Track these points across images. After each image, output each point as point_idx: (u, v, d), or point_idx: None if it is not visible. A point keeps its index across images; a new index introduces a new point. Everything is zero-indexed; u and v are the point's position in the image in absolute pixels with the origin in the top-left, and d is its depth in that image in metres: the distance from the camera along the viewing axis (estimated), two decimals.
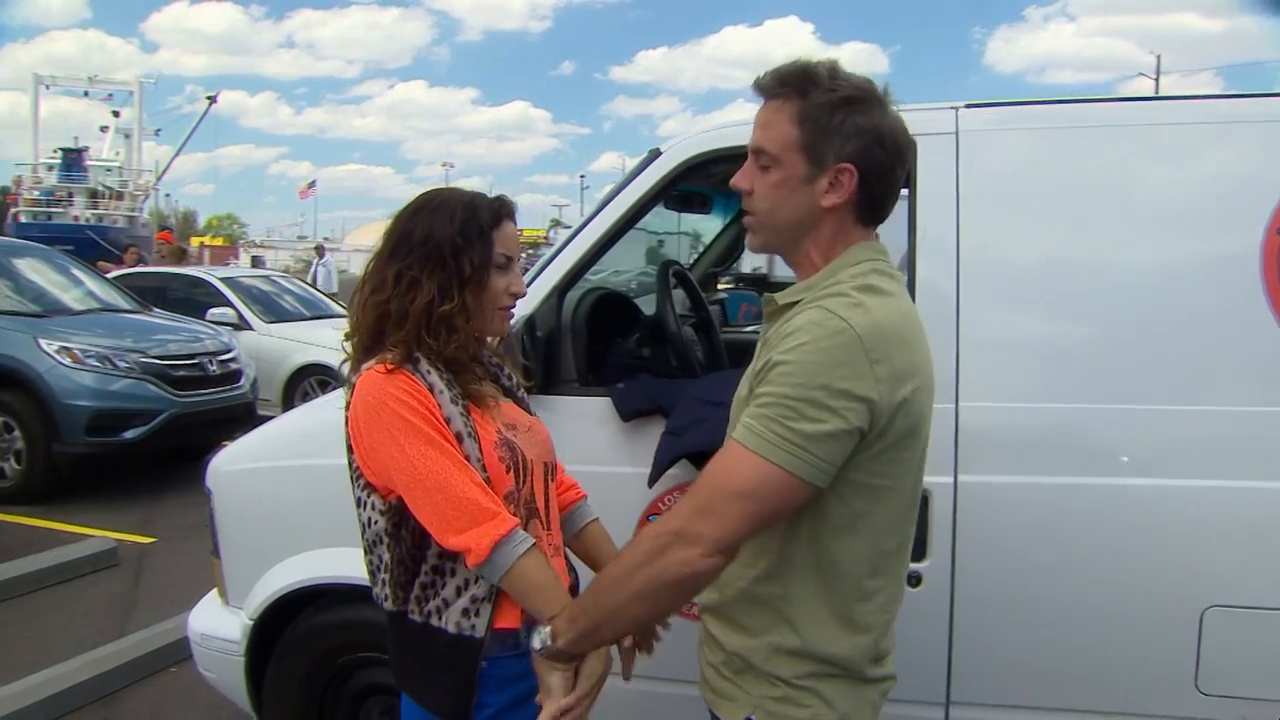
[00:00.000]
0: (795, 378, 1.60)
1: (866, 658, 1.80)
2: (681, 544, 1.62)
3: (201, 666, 3.57)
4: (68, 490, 7.90)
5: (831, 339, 1.60)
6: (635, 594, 1.69)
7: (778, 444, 1.59)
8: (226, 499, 3.40)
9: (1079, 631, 2.61)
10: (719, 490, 1.64)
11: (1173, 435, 2.55)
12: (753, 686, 1.80)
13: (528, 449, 2.05)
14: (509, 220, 2.04)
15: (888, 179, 1.76)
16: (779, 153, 1.75)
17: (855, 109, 1.70)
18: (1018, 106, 2.78)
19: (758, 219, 1.82)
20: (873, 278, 1.72)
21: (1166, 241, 2.63)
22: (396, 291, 1.95)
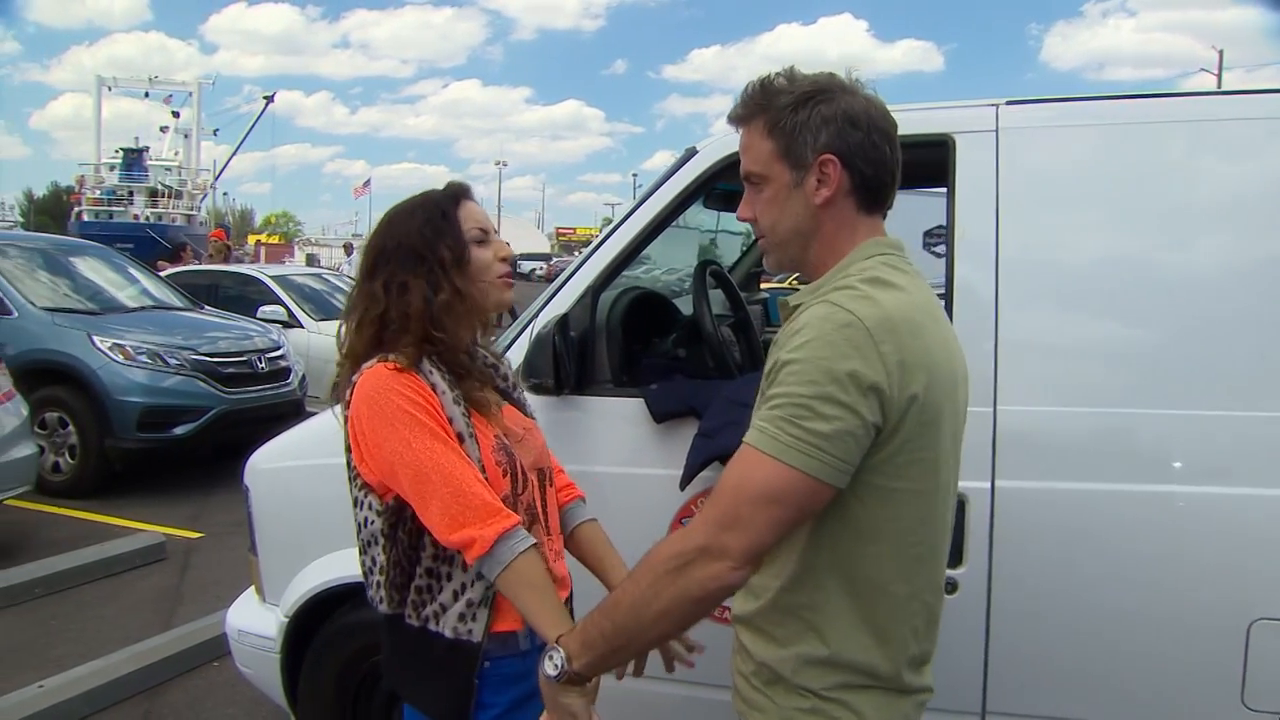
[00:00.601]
0: (805, 375, 1.56)
1: (900, 666, 1.75)
2: (709, 559, 1.58)
3: (239, 663, 3.60)
4: (119, 485, 8.02)
5: (838, 331, 1.56)
6: (661, 613, 1.64)
7: (793, 445, 1.55)
8: (264, 496, 3.42)
9: (1120, 642, 2.54)
10: (740, 498, 1.59)
11: (1222, 442, 2.47)
12: (782, 698, 1.75)
13: (523, 456, 2.05)
14: (467, 200, 2.06)
15: (873, 156, 1.72)
16: (763, 169, 1.74)
17: (818, 100, 1.70)
18: (1060, 103, 2.71)
19: (767, 239, 1.81)
20: (881, 270, 1.69)
21: (1216, 241, 2.55)
22: (390, 300, 1.96)
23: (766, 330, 4.86)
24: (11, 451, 6.17)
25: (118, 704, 4.34)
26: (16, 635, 5.09)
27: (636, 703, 2.74)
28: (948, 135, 2.68)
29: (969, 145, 2.65)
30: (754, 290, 5.38)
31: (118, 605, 5.58)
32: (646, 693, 2.75)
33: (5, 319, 7.90)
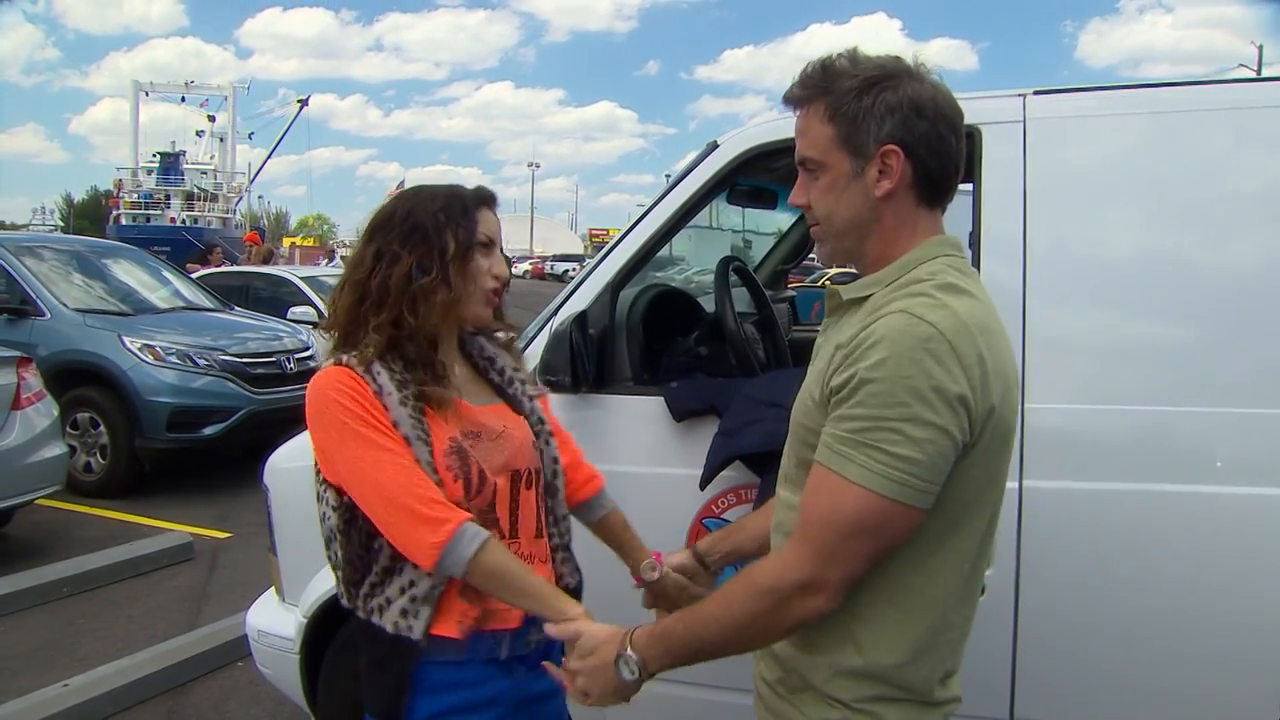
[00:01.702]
0: (890, 395, 1.49)
1: (934, 679, 1.69)
2: (807, 595, 1.55)
3: (259, 663, 3.58)
4: (149, 485, 8.08)
5: (921, 346, 1.49)
6: (748, 643, 1.67)
7: (885, 474, 1.49)
8: (283, 496, 3.40)
9: (1153, 645, 2.46)
10: (832, 531, 1.54)
11: (1258, 440, 2.39)
12: (809, 707, 1.69)
13: (488, 458, 1.97)
14: (488, 208, 2.01)
15: (938, 148, 1.64)
16: (821, 156, 1.66)
17: (883, 87, 1.61)
18: (1089, 92, 2.65)
19: (821, 228, 1.73)
20: (952, 275, 1.61)
21: (1253, 234, 2.46)
22: (377, 268, 1.92)
23: (794, 330, 4.81)
24: (42, 451, 6.22)
25: (142, 703, 4.35)
26: (45, 634, 5.12)
27: (654, 705, 2.70)
28: (974, 127, 2.60)
29: (996, 137, 2.58)
30: (780, 288, 5.31)
31: (145, 605, 5.61)
32: (665, 696, 2.72)
33: (38, 320, 7.98)
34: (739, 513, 2.71)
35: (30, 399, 6.22)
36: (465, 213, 1.94)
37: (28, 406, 6.19)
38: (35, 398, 6.29)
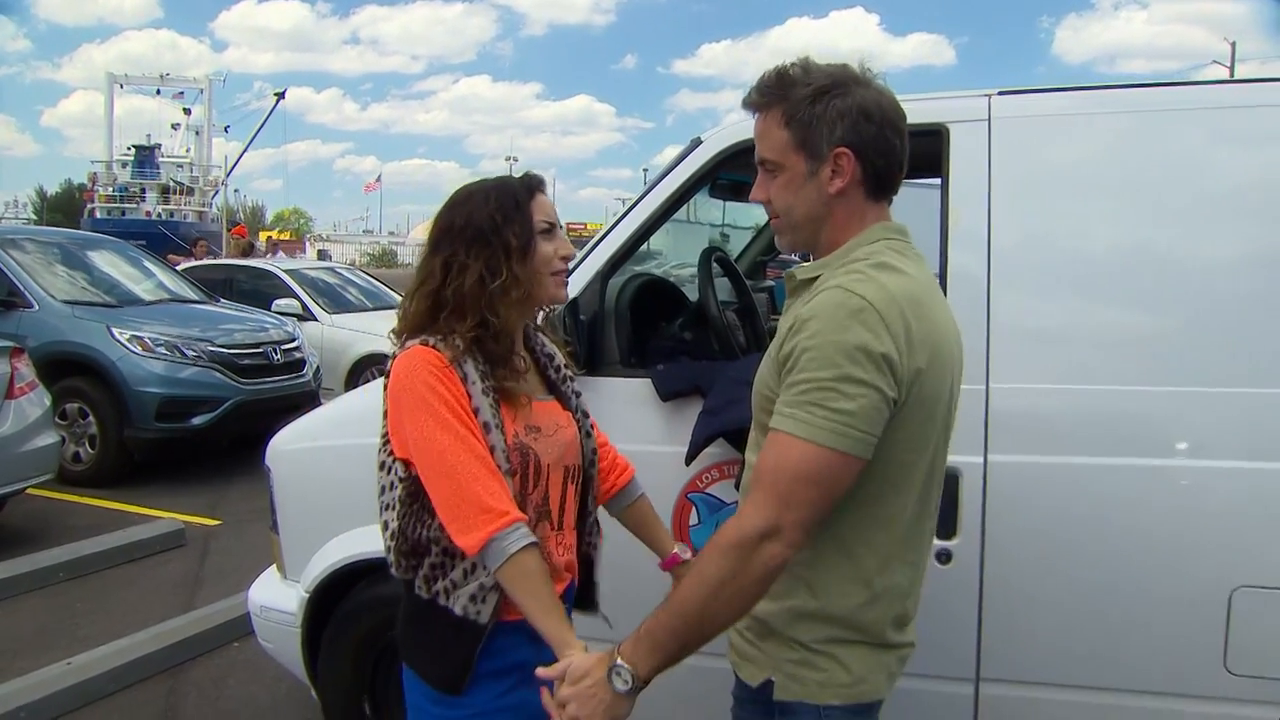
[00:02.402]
0: (824, 359, 1.66)
1: (886, 623, 1.86)
2: (770, 540, 1.67)
3: (261, 637, 3.72)
4: (139, 474, 8.16)
5: (850, 314, 1.67)
6: (729, 600, 1.71)
7: (825, 427, 1.65)
8: (285, 477, 3.54)
9: (1109, 610, 2.65)
10: (785, 481, 1.69)
11: (1204, 417, 2.58)
12: (774, 650, 1.87)
13: (546, 453, 2.09)
14: (541, 192, 2.10)
15: (885, 149, 1.82)
16: (779, 157, 1.84)
17: (834, 94, 1.79)
18: (1051, 93, 2.82)
19: (780, 221, 1.92)
20: (887, 255, 1.80)
21: (1201, 227, 2.65)
22: (447, 279, 2.02)
23: (772, 318, 4.97)
24: (35, 440, 6.32)
25: (142, 681, 4.47)
26: (44, 617, 5.24)
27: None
28: (942, 125, 2.78)
29: (962, 134, 2.75)
30: (760, 278, 5.48)
31: (140, 589, 5.72)
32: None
33: (26, 312, 8.05)
34: (722, 487, 2.87)
35: (23, 389, 6.32)
36: (518, 207, 2.04)
37: (21, 396, 6.28)
38: (28, 387, 6.38)
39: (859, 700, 1.85)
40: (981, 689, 2.77)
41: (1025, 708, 2.76)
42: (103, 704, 4.26)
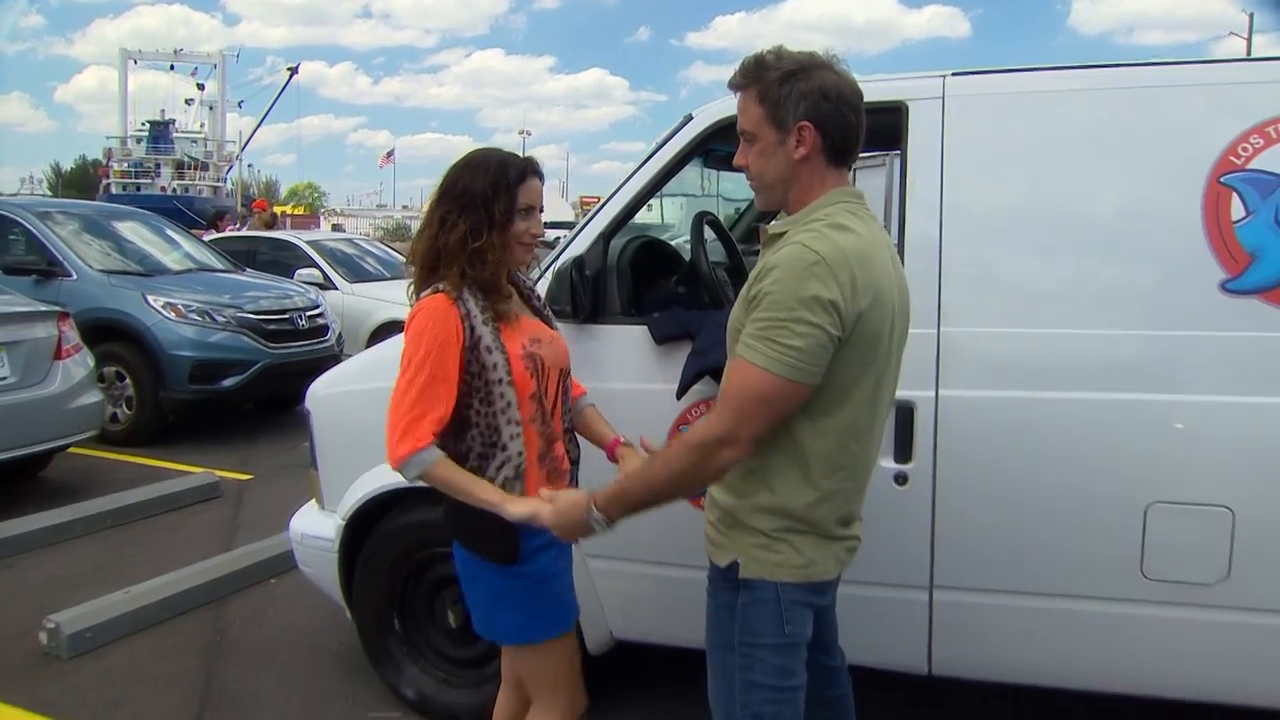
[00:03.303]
0: (781, 302, 2.07)
1: (831, 519, 2.28)
2: (725, 446, 2.11)
3: (301, 563, 4.15)
4: (172, 433, 8.61)
5: (806, 267, 2.07)
6: (682, 488, 2.26)
7: (777, 358, 2.06)
8: (323, 418, 3.95)
9: (1043, 525, 3.04)
10: (744, 400, 2.10)
11: (1126, 355, 2.97)
12: (739, 538, 2.30)
13: (549, 357, 2.58)
14: (533, 176, 2.53)
15: (841, 124, 2.20)
16: (754, 129, 2.25)
17: (799, 78, 2.18)
18: (997, 74, 3.19)
19: (756, 183, 2.33)
20: (842, 216, 2.19)
21: (1122, 190, 3.03)
22: (441, 230, 2.49)
23: None
24: (81, 399, 6.77)
25: (190, 611, 4.92)
26: (96, 558, 5.70)
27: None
28: (902, 102, 3.16)
29: (920, 111, 3.13)
30: (754, 242, 5.87)
31: (181, 534, 6.18)
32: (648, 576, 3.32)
33: (65, 281, 8.46)
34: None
35: (69, 351, 6.75)
36: (508, 187, 2.48)
37: (67, 358, 6.72)
38: (74, 349, 6.81)
39: (809, 579, 2.28)
40: (935, 595, 3.17)
41: (973, 611, 3.15)
42: (157, 629, 4.71)
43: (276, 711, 3.97)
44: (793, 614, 2.27)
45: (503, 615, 2.59)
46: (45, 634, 4.40)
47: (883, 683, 3.39)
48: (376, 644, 3.92)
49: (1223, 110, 2.91)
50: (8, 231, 9.04)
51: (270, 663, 4.42)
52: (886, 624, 3.23)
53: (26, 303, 6.91)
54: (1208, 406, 2.89)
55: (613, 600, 3.52)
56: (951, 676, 3.29)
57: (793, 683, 2.31)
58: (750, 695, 2.29)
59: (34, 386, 6.46)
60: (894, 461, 3.06)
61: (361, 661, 4.12)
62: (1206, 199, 2.88)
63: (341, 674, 4.27)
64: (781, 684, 2.29)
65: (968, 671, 3.29)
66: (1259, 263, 2.84)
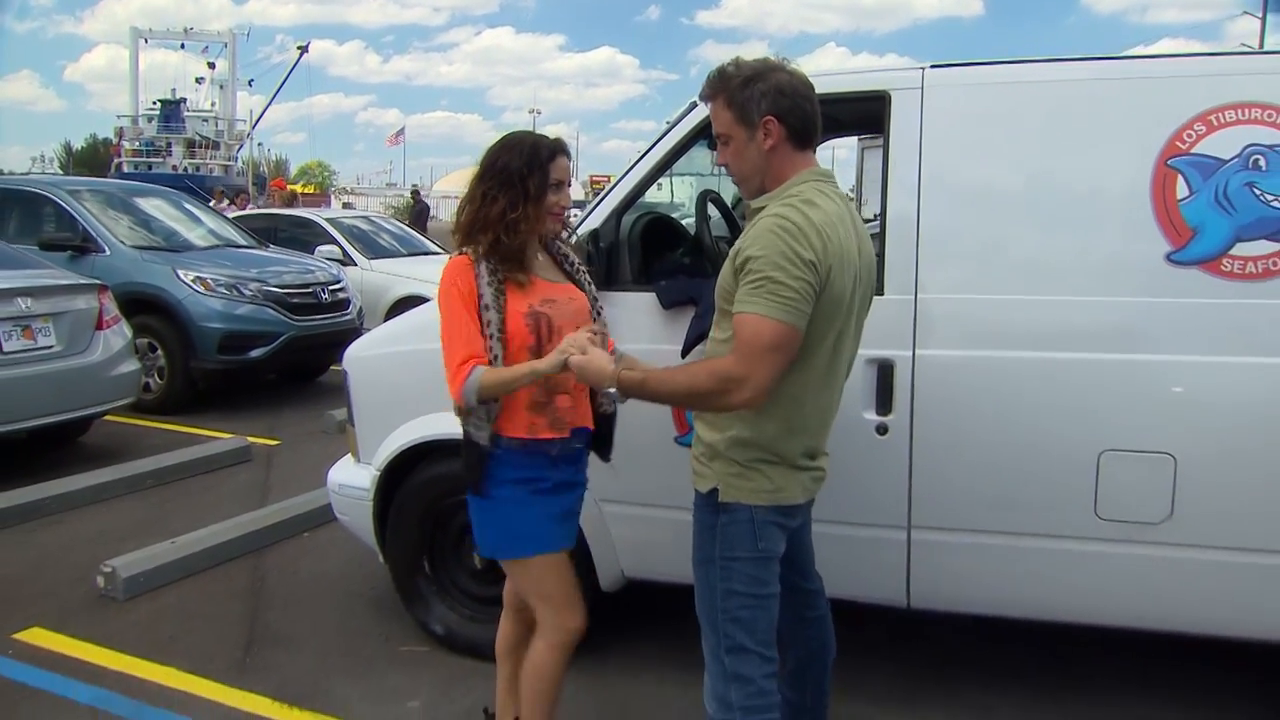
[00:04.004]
0: (770, 261, 2.40)
1: (797, 453, 2.64)
2: (742, 388, 2.40)
3: (337, 511, 4.53)
4: (202, 402, 8.98)
5: (785, 232, 2.42)
6: (690, 402, 2.71)
7: (780, 305, 2.37)
8: (359, 378, 4.33)
9: (1009, 471, 3.40)
10: (758, 347, 2.39)
11: (1081, 319, 3.32)
12: (718, 467, 2.65)
13: (559, 315, 2.88)
14: (562, 155, 2.90)
15: (799, 113, 2.56)
16: (727, 131, 2.62)
17: (757, 81, 2.55)
18: (971, 67, 3.53)
19: (736, 177, 2.70)
20: (811, 194, 2.54)
21: (1079, 171, 3.37)
22: (484, 204, 2.86)
23: None
24: (120, 367, 7.16)
25: (231, 560, 5.31)
26: (140, 514, 6.10)
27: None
28: (885, 91, 3.51)
29: (901, 100, 3.47)
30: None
31: (217, 493, 6.57)
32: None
33: (99, 256, 8.82)
34: None
35: (109, 321, 7.13)
36: (542, 164, 2.84)
37: (107, 328, 7.10)
38: (113, 320, 7.19)
39: (778, 503, 2.64)
40: (913, 535, 3.53)
41: (946, 549, 3.52)
42: (202, 576, 5.10)
43: (316, 647, 4.34)
44: (764, 532, 2.63)
45: (483, 533, 2.99)
46: (102, 578, 4.79)
47: (868, 618, 3.79)
48: (407, 585, 4.29)
49: (1170, 100, 3.25)
50: (42, 209, 9.43)
51: (307, 606, 4.80)
52: (870, 561, 3.60)
53: (69, 276, 7.29)
54: (1154, 365, 3.25)
55: (624, 541, 3.89)
56: (928, 609, 3.66)
57: (766, 591, 2.68)
58: (729, 602, 2.66)
59: (77, 355, 6.84)
60: (875, 414, 3.42)
61: (391, 603, 4.52)
62: (1155, 180, 3.22)
63: (373, 615, 4.65)
64: (757, 592, 2.66)
65: (943, 604, 3.66)
66: (1200, 237, 3.19)
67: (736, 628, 2.66)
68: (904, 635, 4.33)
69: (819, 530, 3.06)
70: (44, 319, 6.67)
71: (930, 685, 3.96)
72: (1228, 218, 3.17)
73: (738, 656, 2.67)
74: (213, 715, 3.76)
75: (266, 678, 4.05)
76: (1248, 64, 3.42)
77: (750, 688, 2.66)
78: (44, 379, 6.58)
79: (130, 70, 77.85)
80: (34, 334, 6.58)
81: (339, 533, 5.22)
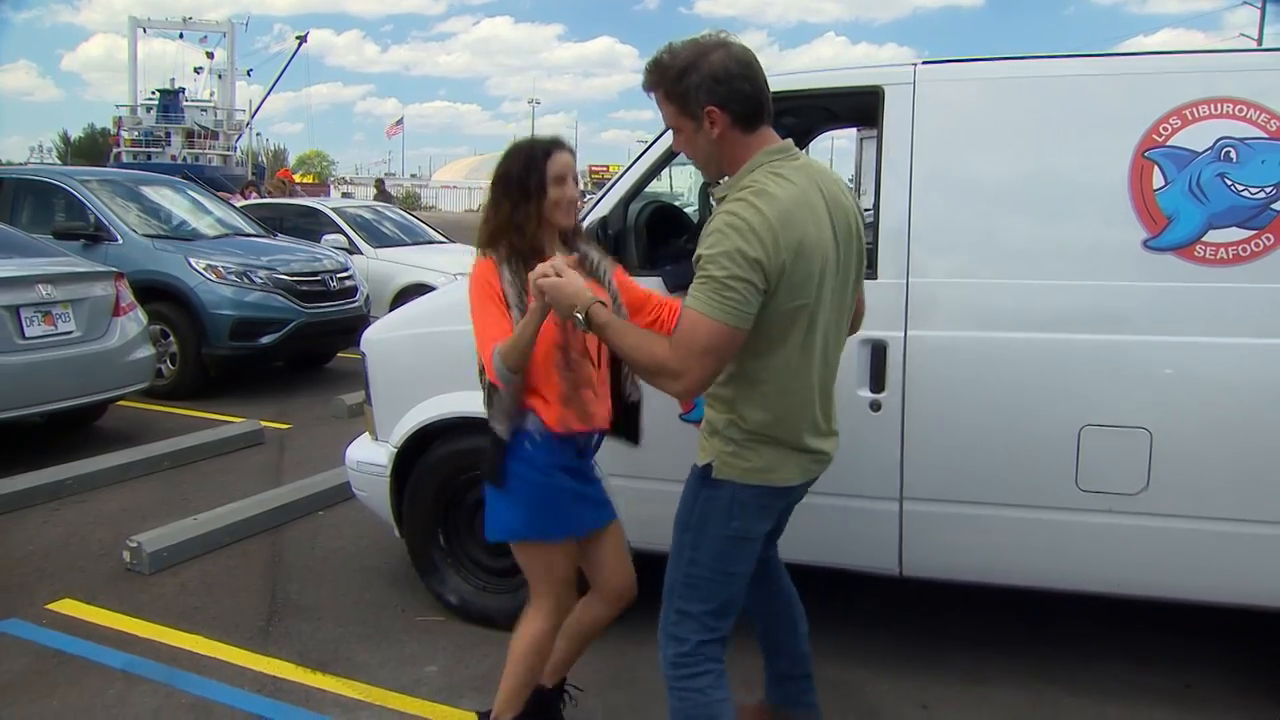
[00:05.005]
0: (716, 260, 2.42)
1: (795, 434, 2.71)
2: (670, 379, 2.48)
3: (355, 487, 4.73)
4: (213, 388, 9.17)
5: (732, 229, 2.43)
6: (631, 364, 2.69)
7: (718, 304, 2.40)
8: (376, 360, 4.52)
9: (996, 445, 3.59)
10: (692, 345, 2.43)
11: (1060, 302, 3.52)
12: (716, 444, 2.77)
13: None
14: (559, 151, 3.02)
15: (739, 96, 2.54)
16: (675, 123, 2.67)
17: (689, 72, 2.55)
18: (960, 63, 3.73)
19: (695, 164, 2.79)
20: (765, 181, 2.52)
21: (1063, 162, 3.57)
22: (495, 212, 3.03)
23: None
24: (136, 353, 7.36)
25: (250, 537, 5.51)
26: (160, 494, 6.31)
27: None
28: (880, 86, 3.70)
29: (894, 94, 3.66)
30: None
31: (233, 474, 6.77)
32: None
33: (112, 245, 9.01)
34: None
35: (125, 308, 7.33)
36: (538, 164, 2.99)
37: (124, 315, 7.30)
38: (129, 307, 7.39)
39: (768, 483, 2.72)
40: (905, 506, 3.73)
41: (937, 520, 3.72)
42: (223, 551, 5.31)
43: (336, 617, 4.54)
44: (741, 511, 2.72)
45: (501, 517, 3.11)
46: (128, 553, 5.00)
47: (864, 589, 3.98)
48: (423, 557, 4.49)
49: (1147, 95, 3.45)
50: (54, 199, 9.61)
51: (326, 579, 5.00)
52: (864, 531, 3.80)
53: (87, 264, 7.49)
54: (1130, 345, 3.44)
55: (631, 515, 4.07)
56: (920, 577, 3.86)
57: (732, 569, 2.78)
58: (692, 569, 2.78)
59: (95, 340, 7.05)
60: (869, 391, 3.62)
61: (407, 577, 4.74)
62: (1132, 170, 3.41)
63: (390, 587, 4.86)
64: (721, 568, 2.77)
65: (933, 572, 3.86)
66: (1175, 224, 3.38)
67: (690, 592, 2.78)
68: (897, 605, 4.54)
69: (816, 502, 3.17)
70: (64, 305, 6.86)
71: (924, 653, 4.16)
72: (1201, 207, 3.36)
73: (681, 618, 2.79)
74: (241, 678, 3.96)
75: (289, 645, 4.25)
76: (1221, 61, 3.60)
77: (683, 648, 2.79)
78: (64, 364, 6.78)
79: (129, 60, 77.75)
80: (54, 320, 6.77)
81: (353, 511, 5.46)
